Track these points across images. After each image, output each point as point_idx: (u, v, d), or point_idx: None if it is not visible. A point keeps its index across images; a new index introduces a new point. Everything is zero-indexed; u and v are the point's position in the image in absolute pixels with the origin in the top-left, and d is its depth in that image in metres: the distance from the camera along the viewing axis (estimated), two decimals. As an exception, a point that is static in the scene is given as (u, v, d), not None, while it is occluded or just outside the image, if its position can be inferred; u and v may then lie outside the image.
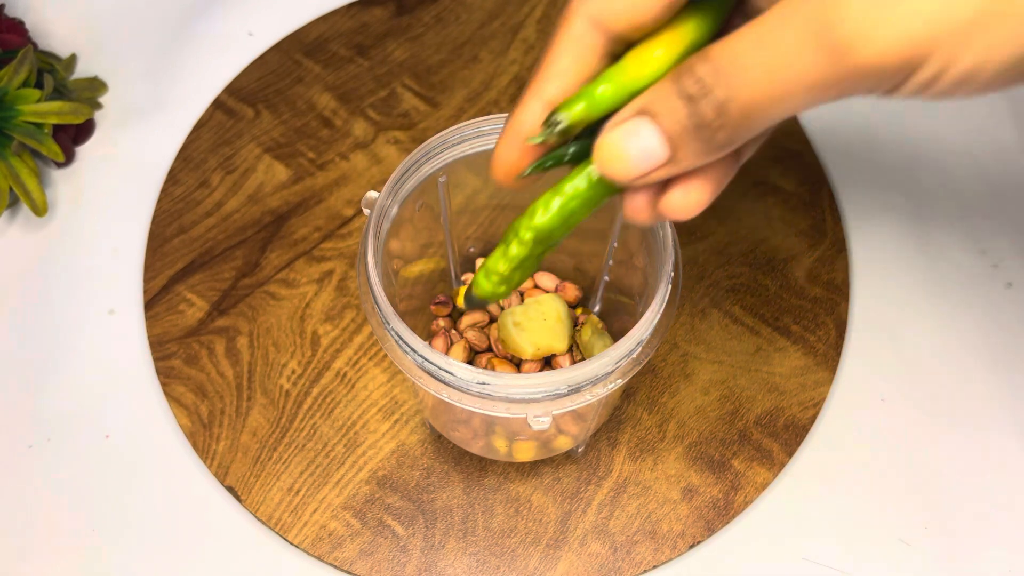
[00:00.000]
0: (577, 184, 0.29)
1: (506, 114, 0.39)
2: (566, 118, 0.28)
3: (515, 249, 0.31)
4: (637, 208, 0.28)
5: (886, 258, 0.55)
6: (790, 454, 0.49)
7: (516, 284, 0.32)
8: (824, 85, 0.23)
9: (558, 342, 0.44)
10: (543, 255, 0.31)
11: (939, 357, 0.52)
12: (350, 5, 0.65)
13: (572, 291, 0.49)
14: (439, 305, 0.49)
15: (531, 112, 0.29)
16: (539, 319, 0.44)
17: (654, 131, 0.26)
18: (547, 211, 0.30)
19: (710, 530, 0.47)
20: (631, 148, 0.26)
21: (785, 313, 0.53)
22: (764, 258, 0.55)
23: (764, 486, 0.48)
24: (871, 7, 0.22)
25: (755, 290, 0.53)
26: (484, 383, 0.34)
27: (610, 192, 0.29)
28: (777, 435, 0.49)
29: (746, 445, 0.49)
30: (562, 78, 0.28)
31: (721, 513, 0.47)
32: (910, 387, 0.51)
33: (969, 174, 0.60)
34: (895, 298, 0.54)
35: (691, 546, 0.46)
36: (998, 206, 0.58)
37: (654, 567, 0.46)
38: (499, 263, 0.32)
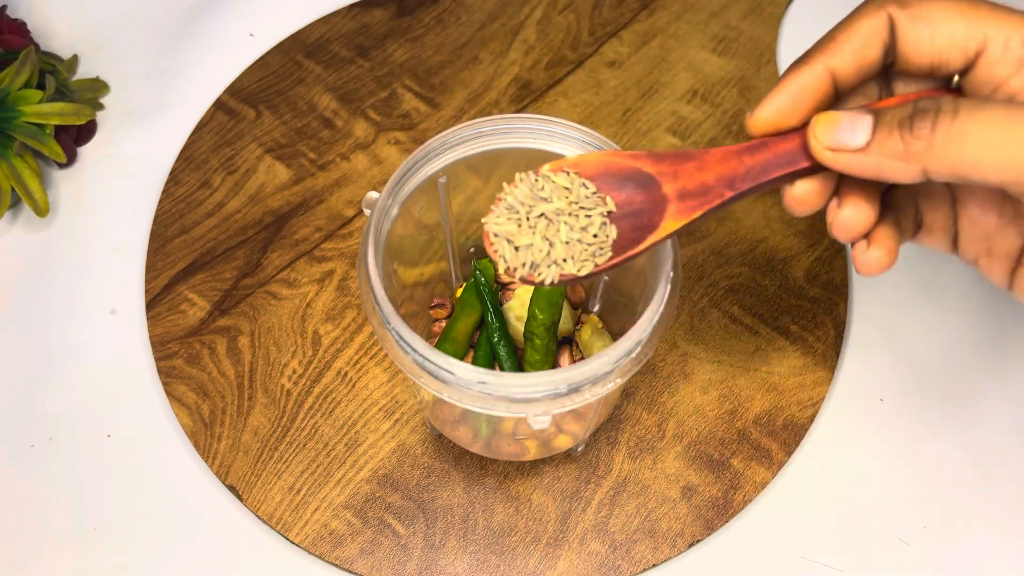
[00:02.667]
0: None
1: (507, 115, 0.39)
2: None
3: (538, 342, 0.43)
4: (800, 198, 0.33)
5: (885, 258, 0.56)
6: (789, 453, 0.49)
7: (552, 352, 0.44)
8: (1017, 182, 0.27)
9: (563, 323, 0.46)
10: (556, 325, 0.43)
11: (938, 357, 0.52)
12: (351, 6, 0.65)
13: (579, 292, 0.50)
14: (437, 308, 0.49)
15: (816, 72, 0.32)
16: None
17: (869, 123, 0.30)
18: (542, 310, 0.42)
19: (709, 529, 0.47)
20: (843, 122, 0.30)
21: (784, 313, 0.53)
22: (763, 258, 0.55)
23: (763, 485, 0.48)
24: None
25: (754, 290, 0.54)
26: (484, 383, 0.34)
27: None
28: (776, 434, 0.49)
29: (745, 444, 0.49)
30: (851, 57, 0.32)
31: (720, 512, 0.47)
32: (909, 387, 0.51)
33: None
34: (894, 298, 0.54)
35: (690, 545, 0.46)
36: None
37: (653, 566, 0.46)
38: (535, 356, 0.43)
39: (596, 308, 0.50)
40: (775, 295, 0.53)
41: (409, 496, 0.48)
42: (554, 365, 0.46)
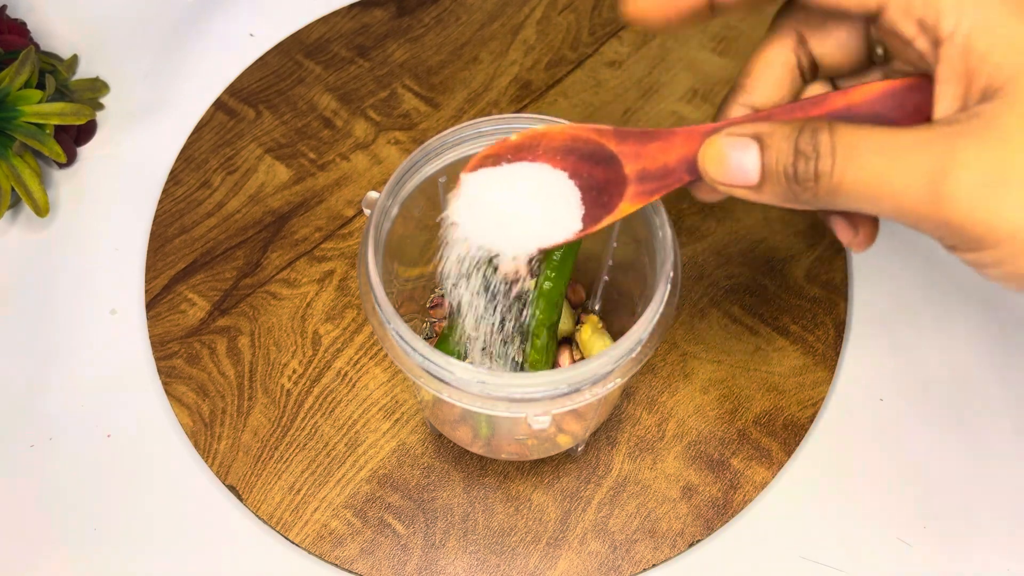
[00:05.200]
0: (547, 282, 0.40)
1: (507, 115, 0.39)
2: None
3: (539, 342, 0.42)
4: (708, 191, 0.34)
5: (884, 258, 0.56)
6: (789, 453, 0.49)
7: (552, 352, 0.43)
8: (907, 212, 0.27)
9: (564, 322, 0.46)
10: (556, 325, 0.42)
11: (937, 357, 0.52)
12: (351, 6, 0.65)
13: (579, 292, 0.50)
14: (436, 308, 0.49)
15: (743, 112, 0.33)
16: None
17: (757, 158, 0.29)
18: (542, 310, 0.40)
19: (709, 529, 0.47)
20: (732, 159, 0.30)
21: (784, 313, 0.53)
22: (763, 258, 0.55)
23: (763, 485, 0.48)
24: (982, 186, 0.26)
25: (754, 290, 0.54)
26: (484, 382, 0.34)
27: (569, 271, 0.40)
28: (776, 434, 0.49)
29: (745, 444, 0.49)
30: (768, 96, 0.33)
31: (720, 512, 0.47)
32: (909, 386, 0.51)
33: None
34: (894, 298, 0.54)
35: (690, 545, 0.46)
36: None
37: (653, 566, 0.46)
38: (534, 356, 0.42)
39: (596, 308, 0.50)
40: (775, 295, 0.53)
41: (409, 496, 0.48)
42: (554, 365, 0.46)
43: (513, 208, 0.35)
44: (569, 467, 0.48)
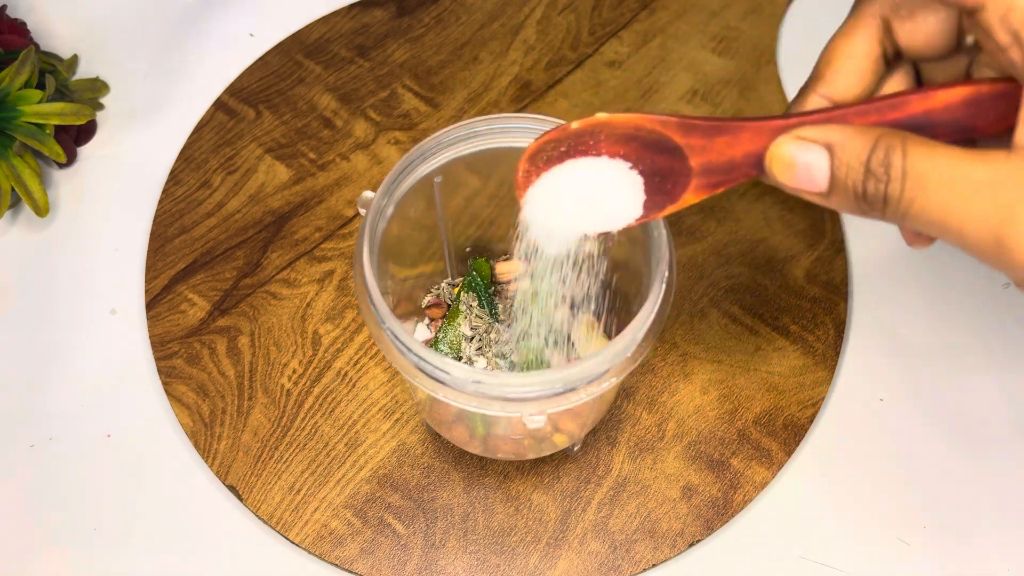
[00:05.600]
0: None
1: (502, 114, 0.39)
2: None
3: (533, 342, 0.42)
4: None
5: (884, 258, 0.55)
6: (789, 453, 0.49)
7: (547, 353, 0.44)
8: (972, 249, 0.27)
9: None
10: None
11: (937, 357, 0.52)
12: (351, 6, 0.65)
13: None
14: (433, 308, 0.49)
15: (810, 103, 0.33)
16: None
17: (826, 167, 0.29)
18: (538, 310, 0.40)
19: (709, 529, 0.47)
20: (800, 165, 0.30)
21: (784, 313, 0.53)
22: (763, 258, 0.55)
23: (763, 485, 0.48)
24: None
25: (754, 290, 0.53)
26: (479, 382, 0.34)
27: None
28: (776, 434, 0.49)
29: (745, 444, 0.49)
30: (847, 87, 0.33)
31: (720, 512, 0.47)
32: (908, 386, 0.51)
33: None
34: (893, 298, 0.54)
35: (690, 545, 0.46)
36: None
37: (653, 566, 0.46)
38: (529, 355, 0.43)
39: (591, 308, 0.50)
40: (775, 295, 0.53)
41: (409, 496, 0.48)
42: (550, 364, 0.46)
43: (575, 208, 0.35)
44: (569, 467, 0.48)
